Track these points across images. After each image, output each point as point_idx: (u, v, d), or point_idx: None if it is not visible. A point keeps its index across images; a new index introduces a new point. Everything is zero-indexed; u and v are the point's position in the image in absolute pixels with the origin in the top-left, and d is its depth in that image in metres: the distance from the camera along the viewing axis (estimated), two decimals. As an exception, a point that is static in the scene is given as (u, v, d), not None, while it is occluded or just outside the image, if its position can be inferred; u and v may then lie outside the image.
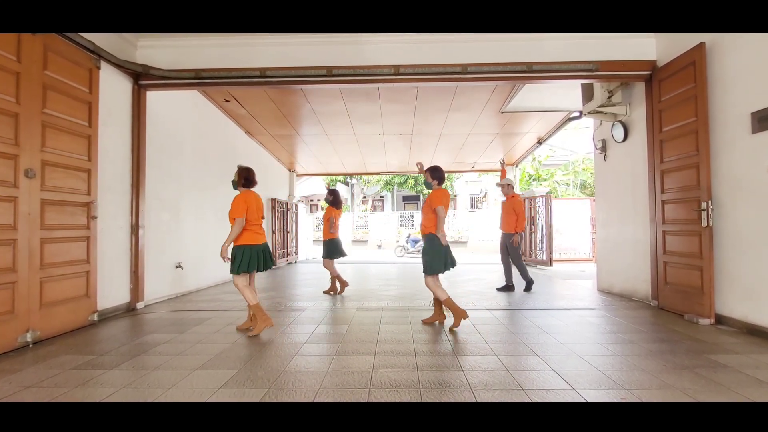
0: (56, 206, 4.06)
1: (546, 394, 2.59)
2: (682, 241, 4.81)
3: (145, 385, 2.78)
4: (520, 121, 8.72)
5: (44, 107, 3.93)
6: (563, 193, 20.37)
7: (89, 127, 4.49)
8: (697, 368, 3.03)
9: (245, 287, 4.14)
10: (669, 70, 4.98)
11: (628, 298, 5.93)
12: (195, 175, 7.06)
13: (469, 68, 5.31)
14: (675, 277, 4.95)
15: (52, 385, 2.80)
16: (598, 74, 5.36)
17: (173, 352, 3.51)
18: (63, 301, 4.14)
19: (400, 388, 2.67)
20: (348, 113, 8.07)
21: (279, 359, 3.31)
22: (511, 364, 3.15)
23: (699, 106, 4.49)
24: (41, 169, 3.89)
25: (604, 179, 6.74)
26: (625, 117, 6.07)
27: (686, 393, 2.58)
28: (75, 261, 4.30)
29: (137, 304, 5.37)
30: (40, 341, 3.83)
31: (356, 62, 5.41)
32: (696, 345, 3.63)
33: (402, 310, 5.25)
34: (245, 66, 5.43)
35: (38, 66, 3.88)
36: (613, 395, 2.56)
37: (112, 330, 4.34)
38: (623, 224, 6.15)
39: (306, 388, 2.70)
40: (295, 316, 4.91)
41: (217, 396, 2.59)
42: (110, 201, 4.95)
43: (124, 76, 5.25)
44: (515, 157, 12.18)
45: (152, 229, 5.75)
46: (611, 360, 3.24)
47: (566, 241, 12.98)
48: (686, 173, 4.72)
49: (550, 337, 3.94)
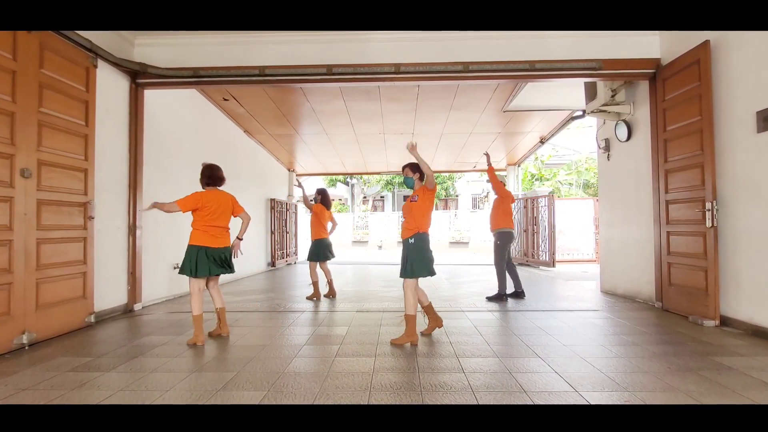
0: (53, 206, 4.07)
1: (548, 396, 2.59)
2: (687, 241, 4.81)
3: (142, 387, 2.79)
4: (522, 120, 8.72)
5: (40, 106, 3.94)
6: (566, 193, 20.36)
7: (86, 126, 4.50)
8: (702, 370, 3.03)
9: (195, 293, 3.91)
10: (673, 69, 4.98)
11: (632, 299, 5.93)
12: (193, 175, 7.01)
13: (471, 66, 5.32)
14: (679, 278, 4.95)
15: (49, 387, 2.80)
16: (601, 73, 5.37)
17: (171, 354, 3.52)
18: (59, 303, 4.14)
19: (401, 391, 2.68)
20: (348, 112, 8.08)
21: (278, 361, 3.31)
22: (513, 366, 3.15)
23: (704, 104, 4.49)
24: (37, 168, 3.89)
25: (608, 179, 6.73)
26: (628, 116, 6.07)
27: (690, 395, 2.58)
28: (71, 262, 4.31)
29: (134, 306, 5.37)
30: (36, 343, 3.84)
31: (356, 60, 5.42)
32: (700, 347, 3.63)
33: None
34: (244, 64, 5.44)
35: (34, 64, 3.89)
36: (617, 398, 2.56)
37: (109, 332, 4.34)
38: (627, 225, 6.15)
39: (305, 390, 2.70)
40: (294, 318, 4.91)
41: (216, 398, 2.59)
42: (107, 201, 4.95)
43: (122, 74, 5.25)
44: (517, 156, 12.19)
45: (150, 229, 5.76)
46: (614, 362, 3.24)
47: (569, 242, 12.98)
48: (691, 173, 4.72)
49: (552, 338, 3.94)
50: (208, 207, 3.91)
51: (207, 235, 3.93)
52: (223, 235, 4.04)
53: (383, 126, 9.03)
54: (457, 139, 10.16)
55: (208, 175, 4.07)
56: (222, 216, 4.01)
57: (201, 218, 3.92)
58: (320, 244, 6.37)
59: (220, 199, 4.01)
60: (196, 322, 3.88)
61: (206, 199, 3.92)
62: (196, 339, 3.84)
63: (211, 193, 4.01)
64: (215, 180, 4.08)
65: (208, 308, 4.30)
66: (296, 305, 5.75)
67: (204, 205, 3.90)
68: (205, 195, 3.95)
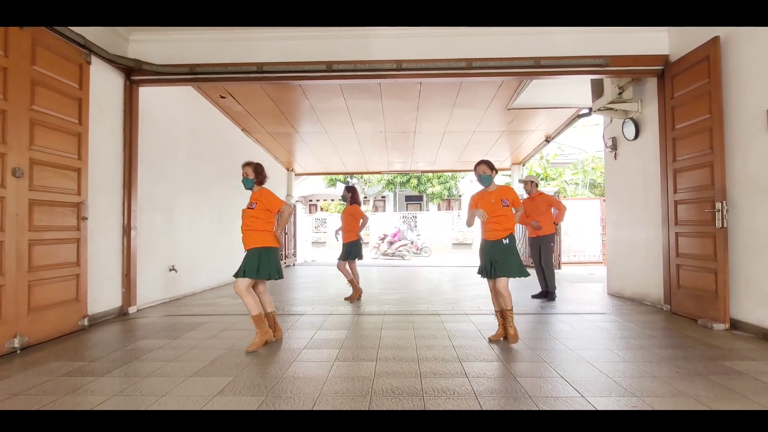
0: (45, 207, 4.07)
1: (554, 401, 2.59)
2: (696, 243, 4.81)
3: (137, 392, 2.79)
4: (527, 118, 8.72)
5: (32, 104, 3.94)
6: (572, 193, 20.35)
7: (79, 124, 4.51)
8: (711, 375, 3.02)
9: (246, 292, 3.84)
10: (682, 66, 4.98)
11: (640, 302, 5.93)
12: (189, 175, 7.08)
13: (475, 63, 5.32)
14: (688, 280, 4.95)
15: (41, 392, 2.80)
16: (608, 69, 5.36)
17: (167, 359, 3.52)
18: (52, 306, 4.15)
19: (403, 396, 2.68)
20: (348, 110, 8.08)
21: (277, 366, 3.31)
22: (517, 371, 3.15)
23: (713, 102, 4.49)
24: (29, 168, 3.90)
25: (615, 179, 6.73)
26: (636, 114, 6.07)
27: (700, 401, 2.58)
28: (64, 264, 4.31)
29: (129, 309, 5.38)
30: (28, 347, 3.84)
31: (357, 57, 5.42)
32: (710, 351, 3.63)
33: (405, 314, 5.26)
34: (242, 61, 5.44)
35: (26, 61, 3.89)
36: (624, 403, 2.56)
37: (103, 335, 4.34)
38: (634, 225, 6.15)
39: (305, 395, 2.70)
40: (294, 321, 4.92)
41: (213, 404, 2.59)
42: (101, 201, 4.96)
43: (116, 71, 5.26)
44: (522, 155, 12.19)
45: (145, 230, 5.76)
46: (622, 366, 3.24)
47: (575, 243, 12.98)
48: (700, 172, 4.72)
49: (558, 342, 3.94)
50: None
51: (275, 236, 3.98)
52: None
53: (384, 124, 9.03)
54: (460, 138, 10.16)
55: (262, 173, 4.04)
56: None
57: (271, 218, 3.95)
58: (356, 245, 6.38)
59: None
60: (256, 321, 3.85)
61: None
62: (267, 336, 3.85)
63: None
64: (265, 178, 4.09)
65: (203, 312, 4.28)
66: (295, 308, 5.75)
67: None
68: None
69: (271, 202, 3.90)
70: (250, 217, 3.91)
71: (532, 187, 6.49)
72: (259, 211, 3.88)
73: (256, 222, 3.89)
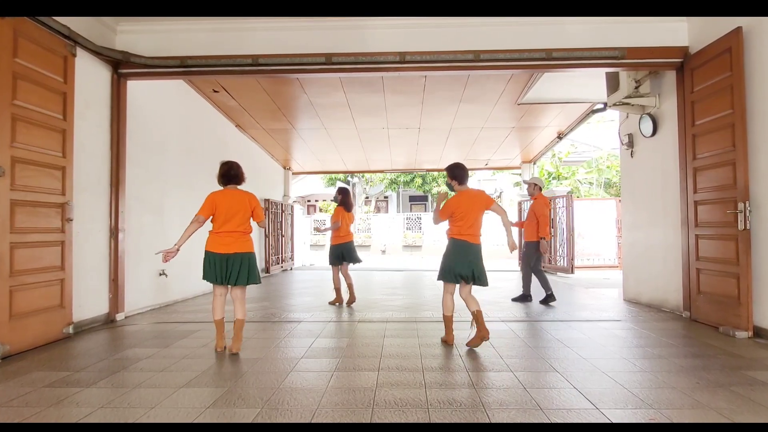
0: (27, 207, 4.08)
1: (567, 414, 2.59)
2: (717, 246, 4.80)
3: (125, 404, 2.79)
4: (538, 113, 8.73)
5: (14, 98, 3.95)
6: (586, 193, 20.30)
7: (64, 120, 4.52)
8: (734, 386, 3.01)
9: (214, 296, 4.09)
10: (702, 58, 4.97)
11: (658, 308, 5.92)
12: (180, 174, 7.09)
13: (482, 55, 5.31)
14: (709, 285, 4.94)
15: (23, 404, 2.81)
16: (624, 62, 5.36)
17: (156, 368, 3.52)
18: (35, 312, 4.15)
19: (407, 408, 2.67)
20: (349, 105, 8.10)
21: (273, 376, 3.32)
22: (528, 382, 3.15)
23: (736, 97, 4.48)
24: (11, 166, 3.90)
25: (631, 178, 6.73)
26: (653, 109, 6.06)
27: (721, 413, 2.57)
28: (48, 268, 4.32)
29: (117, 316, 5.39)
30: (9, 356, 3.84)
31: (358, 49, 5.42)
32: (732, 360, 3.62)
33: (408, 321, 5.26)
34: (236, 53, 5.45)
35: (8, 53, 3.90)
36: (641, 416, 2.55)
37: (88, 344, 4.36)
38: (652, 227, 6.14)
39: (302, 407, 2.70)
40: (291, 329, 4.92)
41: (205, 416, 2.59)
42: (87, 202, 4.97)
43: (103, 64, 5.28)
44: (533, 153, 12.18)
45: (133, 232, 5.78)
46: (639, 377, 3.23)
47: (589, 246, 12.95)
48: (721, 171, 4.71)
49: (571, 351, 3.93)
50: (219, 208, 3.91)
51: (212, 238, 3.99)
52: (231, 241, 3.94)
53: (387, 120, 9.04)
54: (467, 134, 10.17)
55: (221, 173, 4.10)
56: (234, 218, 3.94)
57: (214, 220, 3.98)
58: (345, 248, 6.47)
59: (232, 199, 3.97)
60: (215, 327, 4.09)
61: (217, 199, 3.93)
62: (216, 344, 4.07)
63: (222, 192, 4.01)
64: (229, 178, 4.08)
65: (195, 319, 4.30)
66: (293, 315, 5.76)
67: (217, 205, 3.92)
68: (215, 194, 3.97)
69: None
70: (247, 218, 4.03)
71: (534, 189, 6.85)
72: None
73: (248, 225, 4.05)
